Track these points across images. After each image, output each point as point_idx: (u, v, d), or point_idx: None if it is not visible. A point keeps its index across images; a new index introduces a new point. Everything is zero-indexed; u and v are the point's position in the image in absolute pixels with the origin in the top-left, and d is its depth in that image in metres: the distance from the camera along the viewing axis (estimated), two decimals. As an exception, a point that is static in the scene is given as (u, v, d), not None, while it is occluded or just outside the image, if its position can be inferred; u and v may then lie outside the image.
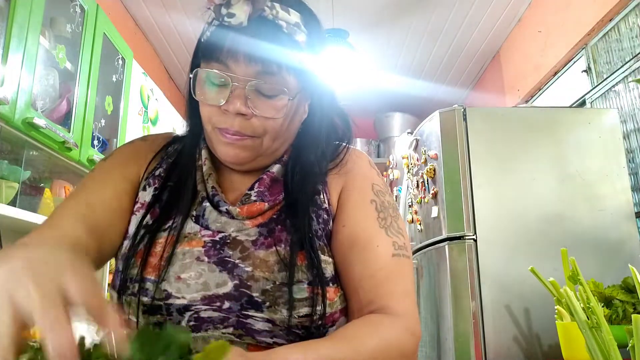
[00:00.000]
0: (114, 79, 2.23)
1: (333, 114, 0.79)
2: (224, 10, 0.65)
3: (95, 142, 2.02)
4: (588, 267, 1.67)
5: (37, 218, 1.59)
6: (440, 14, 3.01)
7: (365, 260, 0.68)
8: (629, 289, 1.30)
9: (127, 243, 0.69)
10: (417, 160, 2.20)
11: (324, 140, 0.76)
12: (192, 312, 0.62)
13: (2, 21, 1.44)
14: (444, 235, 1.84)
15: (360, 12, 2.99)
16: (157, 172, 0.75)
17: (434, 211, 1.94)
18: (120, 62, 2.26)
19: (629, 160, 1.96)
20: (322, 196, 0.73)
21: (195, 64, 0.70)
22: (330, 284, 0.66)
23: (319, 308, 0.63)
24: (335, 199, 0.74)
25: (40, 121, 1.52)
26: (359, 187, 0.74)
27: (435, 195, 1.95)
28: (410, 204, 2.37)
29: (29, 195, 1.71)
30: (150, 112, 2.70)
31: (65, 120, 1.79)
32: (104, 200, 0.70)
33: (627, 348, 0.94)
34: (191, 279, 0.63)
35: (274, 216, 0.70)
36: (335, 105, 0.79)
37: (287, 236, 0.67)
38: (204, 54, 0.68)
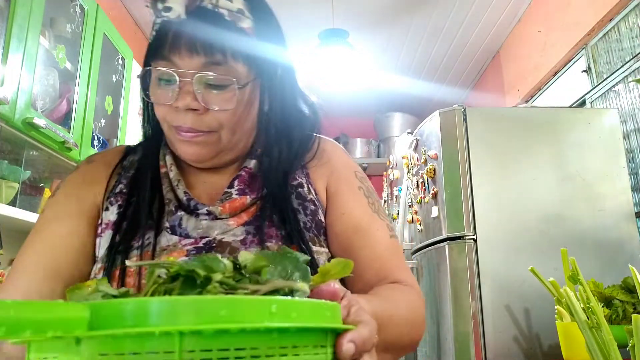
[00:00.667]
0: (114, 79, 2.23)
1: (297, 101, 0.77)
2: (160, 5, 0.63)
3: (95, 142, 2.02)
4: (588, 267, 1.67)
5: (37, 218, 1.59)
6: (440, 14, 3.01)
7: (371, 244, 0.71)
8: (629, 289, 1.30)
9: (96, 267, 0.65)
10: (417, 160, 2.20)
11: (293, 129, 0.75)
12: None
13: (2, 21, 1.44)
14: (444, 235, 1.84)
15: (360, 12, 2.99)
16: (117, 189, 0.71)
17: (434, 211, 1.94)
18: (120, 62, 2.26)
19: (629, 160, 1.96)
20: (306, 187, 0.72)
21: (145, 66, 0.68)
22: None
23: None
24: (322, 189, 0.74)
25: (40, 121, 1.52)
26: (346, 176, 0.76)
27: (435, 195, 1.95)
28: (410, 204, 2.37)
29: (29, 195, 1.72)
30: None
31: (65, 120, 1.80)
32: (62, 240, 0.67)
33: (627, 348, 0.94)
34: None
35: (258, 213, 0.68)
36: (300, 93, 0.77)
37: (276, 231, 0.66)
38: (149, 53, 0.67)
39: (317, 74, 3.22)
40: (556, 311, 1.37)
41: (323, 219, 0.72)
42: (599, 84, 2.21)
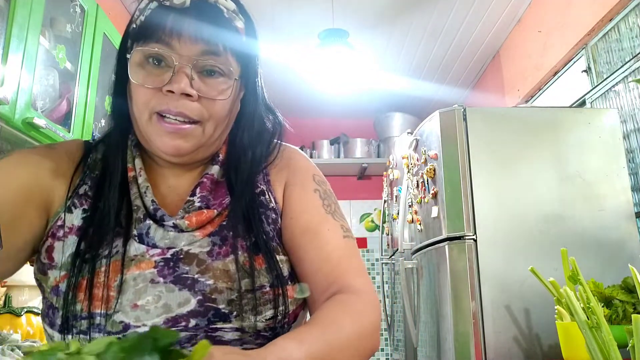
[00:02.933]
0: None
1: (264, 107, 0.78)
2: None
3: (95, 142, 2.02)
4: (588, 267, 1.67)
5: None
6: (440, 14, 3.01)
7: (319, 245, 0.69)
8: (629, 289, 1.30)
9: (58, 274, 0.62)
10: (417, 160, 2.20)
11: (261, 135, 0.76)
12: None
13: (2, 21, 1.44)
14: (444, 235, 1.84)
15: (360, 12, 2.99)
16: (81, 190, 0.68)
17: (434, 211, 1.94)
18: (120, 62, 2.26)
19: (629, 160, 1.96)
20: (267, 195, 0.72)
21: (124, 51, 0.67)
22: (289, 282, 0.67)
23: (281, 308, 0.64)
24: (280, 196, 0.74)
25: (40, 121, 1.52)
26: (301, 180, 0.75)
27: (435, 195, 1.96)
28: (410, 204, 2.37)
29: (29, 195, 1.71)
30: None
31: (65, 120, 1.80)
32: (17, 220, 0.62)
33: (627, 348, 0.94)
34: (149, 304, 0.59)
35: (224, 223, 0.67)
36: (265, 100, 0.78)
37: (242, 242, 0.66)
38: (140, 36, 0.65)
39: (317, 74, 3.22)
40: (556, 311, 1.37)
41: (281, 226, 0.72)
42: (599, 84, 2.21)
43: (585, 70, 2.35)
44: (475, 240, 1.79)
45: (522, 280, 1.72)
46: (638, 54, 1.96)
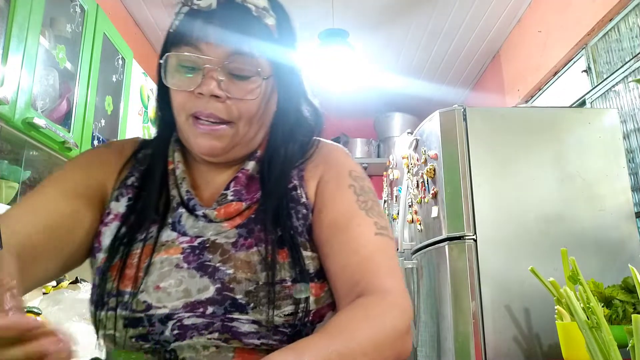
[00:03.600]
0: (114, 79, 2.23)
1: (302, 105, 0.78)
2: None
3: (95, 142, 2.02)
4: (588, 267, 1.67)
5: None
6: (440, 14, 3.01)
7: (347, 240, 0.65)
8: (629, 289, 1.30)
9: (101, 255, 0.67)
10: (417, 160, 2.20)
11: (296, 131, 0.76)
12: (175, 320, 0.60)
13: (2, 21, 1.44)
14: (444, 235, 1.84)
15: (360, 12, 2.99)
16: (129, 182, 0.73)
17: (434, 211, 1.94)
18: (120, 62, 2.27)
19: (629, 160, 1.96)
20: (299, 190, 0.71)
21: (164, 55, 0.69)
22: (315, 280, 0.65)
23: (302, 305, 0.62)
24: (313, 192, 0.72)
25: (40, 121, 1.52)
26: (336, 175, 0.73)
27: (435, 195, 1.95)
28: (410, 204, 2.37)
29: (29, 195, 1.71)
30: (150, 112, 2.70)
31: (65, 120, 1.79)
32: (57, 205, 0.67)
33: (627, 348, 0.95)
34: (171, 287, 0.62)
35: (252, 216, 0.68)
36: (305, 95, 0.78)
37: (267, 235, 0.65)
38: (173, 41, 0.68)
39: (317, 74, 3.22)
40: (556, 311, 1.37)
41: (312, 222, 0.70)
42: (599, 84, 2.21)
43: (585, 70, 2.35)
44: (475, 240, 1.79)
45: (522, 280, 1.72)
46: (638, 54, 1.96)
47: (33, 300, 1.67)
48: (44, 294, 1.75)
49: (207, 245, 0.65)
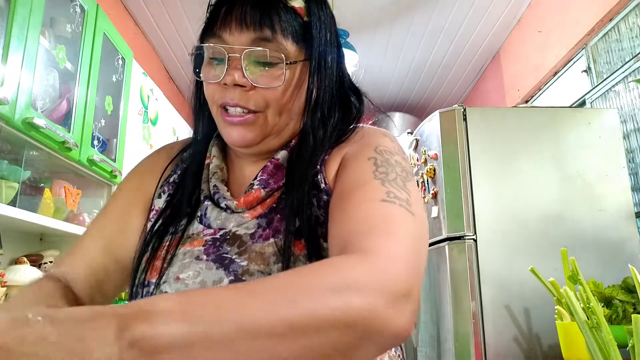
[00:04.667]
0: (114, 79, 2.23)
1: (345, 89, 0.74)
2: None
3: (95, 142, 2.02)
4: (588, 267, 1.67)
5: (37, 218, 1.59)
6: (440, 14, 3.01)
7: (347, 208, 0.55)
8: (629, 289, 1.30)
9: (137, 248, 0.70)
10: (417, 160, 2.20)
11: (333, 119, 0.71)
12: None
13: (2, 21, 1.44)
14: (444, 235, 1.84)
15: (360, 12, 2.99)
16: (171, 179, 0.75)
17: (434, 211, 1.94)
18: (120, 62, 2.27)
19: (629, 160, 1.96)
20: (319, 176, 0.66)
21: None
22: None
23: None
24: (333, 174, 0.66)
25: (40, 121, 1.52)
26: (357, 151, 0.65)
27: (435, 195, 1.95)
28: (410, 204, 2.37)
29: (29, 195, 1.72)
30: (150, 112, 2.70)
31: (65, 120, 1.80)
32: (115, 216, 0.73)
33: (627, 348, 0.95)
34: (189, 278, 0.63)
35: (274, 205, 0.66)
36: (343, 80, 0.75)
37: (286, 226, 0.63)
38: (202, 34, 0.68)
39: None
40: (556, 311, 1.37)
41: None
42: (599, 84, 2.21)
43: (585, 70, 2.35)
44: (475, 240, 1.79)
45: (522, 280, 1.72)
46: (638, 54, 1.96)
47: (33, 300, 1.67)
48: (44, 294, 1.75)
49: (228, 237, 0.65)
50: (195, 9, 2.91)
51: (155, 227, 0.69)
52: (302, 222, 0.62)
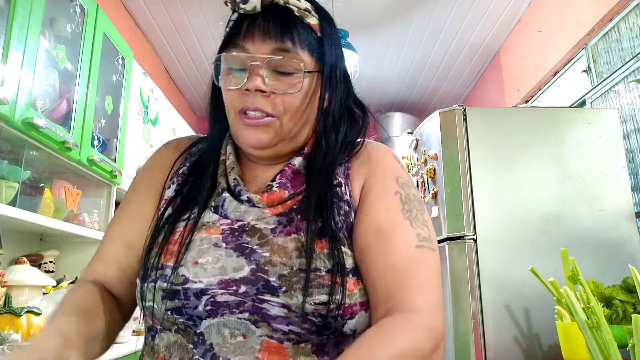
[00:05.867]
0: (114, 79, 2.23)
1: (350, 102, 0.81)
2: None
3: (95, 142, 2.02)
4: (588, 267, 1.67)
5: (37, 218, 1.59)
6: (440, 14, 3.01)
7: (388, 250, 0.66)
8: (629, 289, 1.30)
9: (148, 234, 0.73)
10: (417, 160, 2.20)
11: (342, 128, 0.78)
12: (209, 296, 0.63)
13: (2, 21, 1.44)
14: (444, 235, 1.84)
15: (360, 12, 2.99)
16: (180, 171, 0.79)
17: (434, 211, 1.94)
18: (120, 62, 2.27)
19: (629, 160, 1.96)
20: (343, 188, 0.73)
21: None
22: (350, 275, 0.66)
23: (337, 297, 0.63)
24: (358, 191, 0.74)
25: (40, 121, 1.52)
26: (382, 179, 0.74)
27: (435, 195, 1.96)
28: (410, 204, 2.37)
29: (29, 195, 1.72)
30: (150, 112, 2.70)
31: (65, 120, 1.80)
32: (132, 216, 0.77)
33: (627, 348, 0.95)
34: (208, 263, 0.65)
35: (294, 206, 0.70)
36: (352, 92, 0.81)
37: (307, 225, 0.67)
38: (223, 45, 0.74)
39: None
40: (556, 311, 1.37)
41: (354, 222, 0.71)
42: (599, 84, 2.21)
43: (585, 70, 2.35)
44: (475, 240, 1.79)
45: (522, 280, 1.72)
46: (638, 54, 1.96)
47: (33, 300, 1.67)
48: (44, 293, 1.75)
49: (247, 229, 0.68)
50: (195, 9, 2.91)
51: (166, 214, 0.73)
52: (324, 224, 0.67)
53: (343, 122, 0.79)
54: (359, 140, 0.79)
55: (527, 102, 2.96)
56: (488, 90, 3.63)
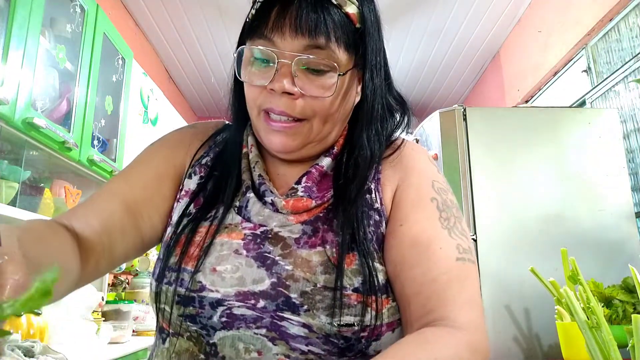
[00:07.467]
0: (114, 79, 2.23)
1: (389, 96, 0.72)
2: None
3: (95, 142, 2.02)
4: (588, 267, 1.67)
5: (37, 218, 1.59)
6: (440, 14, 3.01)
7: (427, 263, 0.60)
8: (629, 289, 1.30)
9: (169, 230, 0.67)
10: (417, 160, 2.20)
11: (379, 128, 0.70)
12: (225, 307, 0.58)
13: (2, 21, 1.44)
14: (444, 235, 1.84)
15: (360, 12, 2.99)
16: (203, 161, 0.72)
17: (434, 211, 1.94)
18: (120, 62, 2.27)
19: (629, 160, 1.96)
20: (373, 195, 0.66)
21: (239, 46, 0.66)
22: (379, 294, 0.59)
23: (367, 318, 0.57)
24: (389, 199, 0.66)
25: (40, 121, 1.52)
26: (417, 184, 0.66)
27: (435, 195, 1.95)
28: (410, 204, 2.37)
29: (29, 195, 1.72)
30: (150, 112, 2.71)
31: (65, 120, 1.80)
32: (144, 180, 0.69)
33: (627, 348, 0.95)
34: (227, 272, 0.60)
35: (320, 214, 0.64)
36: (390, 87, 0.73)
37: (333, 237, 0.61)
38: (248, 32, 0.64)
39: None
40: (556, 311, 1.37)
41: (385, 232, 0.65)
42: (599, 84, 2.21)
43: (585, 70, 2.35)
44: (475, 240, 1.79)
45: (522, 280, 1.72)
46: (638, 54, 1.96)
47: (33, 300, 1.66)
48: (44, 294, 1.75)
49: (270, 236, 0.62)
50: (195, 9, 2.91)
51: (188, 211, 0.67)
52: (357, 238, 0.61)
53: (386, 125, 0.71)
54: (396, 141, 0.72)
55: (527, 102, 2.96)
56: (488, 90, 3.63)
